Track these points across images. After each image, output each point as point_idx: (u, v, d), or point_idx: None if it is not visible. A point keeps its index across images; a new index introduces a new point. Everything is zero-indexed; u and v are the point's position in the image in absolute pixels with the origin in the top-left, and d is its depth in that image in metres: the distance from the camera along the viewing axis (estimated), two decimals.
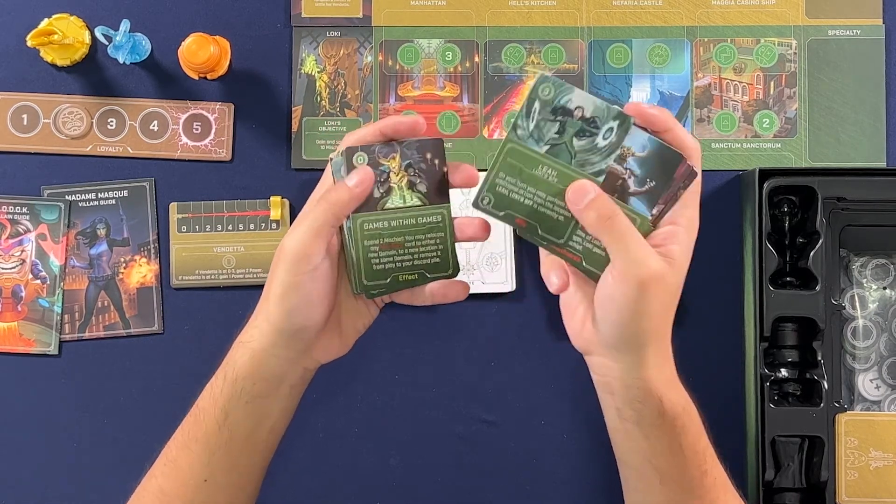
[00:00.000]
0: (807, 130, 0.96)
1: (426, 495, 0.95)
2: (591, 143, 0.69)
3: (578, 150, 0.69)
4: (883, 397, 0.92)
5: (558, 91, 0.69)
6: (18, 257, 0.95)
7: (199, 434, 0.73)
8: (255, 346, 0.72)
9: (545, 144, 0.69)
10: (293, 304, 0.70)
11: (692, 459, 0.71)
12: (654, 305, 0.68)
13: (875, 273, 0.93)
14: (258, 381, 0.72)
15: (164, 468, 0.74)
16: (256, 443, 0.74)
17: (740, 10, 0.97)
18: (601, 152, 0.69)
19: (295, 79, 0.97)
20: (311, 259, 0.69)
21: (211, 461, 0.72)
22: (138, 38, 0.95)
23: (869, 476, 0.89)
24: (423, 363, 0.96)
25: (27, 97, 0.96)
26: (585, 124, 0.69)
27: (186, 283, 0.95)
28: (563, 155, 0.69)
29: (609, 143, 0.69)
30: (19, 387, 0.95)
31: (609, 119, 0.69)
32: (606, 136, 0.69)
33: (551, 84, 0.69)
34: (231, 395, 0.72)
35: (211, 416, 0.72)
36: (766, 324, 0.88)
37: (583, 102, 0.69)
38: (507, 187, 0.70)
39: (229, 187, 0.96)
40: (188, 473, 0.73)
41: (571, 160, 0.69)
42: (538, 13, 0.97)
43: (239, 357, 0.72)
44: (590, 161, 0.69)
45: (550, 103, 0.69)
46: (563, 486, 0.95)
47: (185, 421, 0.74)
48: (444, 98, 0.97)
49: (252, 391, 0.72)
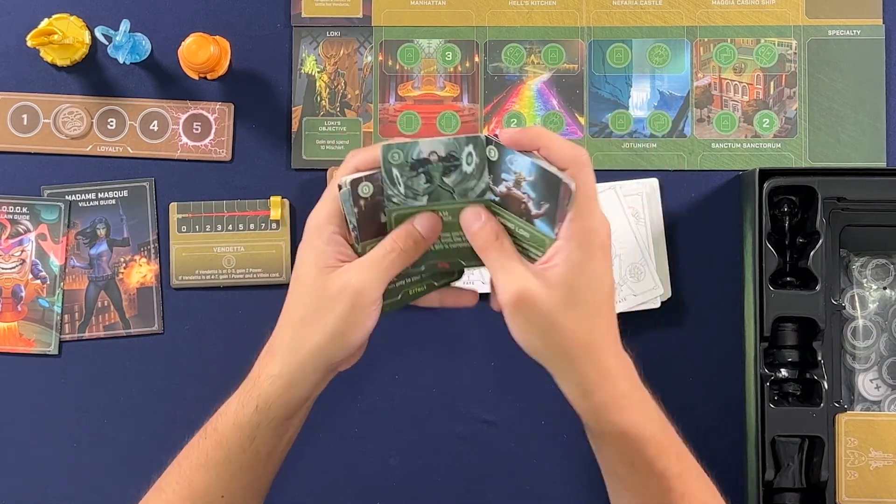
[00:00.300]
0: (807, 130, 0.96)
1: (426, 495, 0.95)
2: (461, 174, 0.71)
3: (454, 185, 0.71)
4: (883, 397, 0.92)
5: (405, 150, 0.70)
6: (18, 257, 0.95)
7: (220, 457, 0.72)
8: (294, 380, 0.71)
9: (423, 196, 0.71)
10: (351, 341, 0.70)
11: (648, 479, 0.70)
12: (532, 324, 0.68)
13: (875, 273, 0.93)
14: (290, 406, 0.72)
15: (175, 486, 0.73)
16: (275, 457, 0.74)
17: (740, 10, 0.97)
18: (474, 176, 0.71)
19: (295, 79, 0.97)
20: (379, 301, 0.70)
21: (231, 480, 0.72)
22: (138, 38, 0.95)
23: (869, 476, 0.89)
24: (423, 363, 0.96)
25: (27, 97, 0.96)
26: (446, 162, 0.70)
27: (186, 283, 0.95)
28: (444, 195, 0.71)
29: (476, 164, 0.70)
30: (19, 387, 0.95)
31: (463, 147, 0.70)
32: (469, 161, 0.70)
33: (396, 148, 0.70)
34: (261, 423, 0.72)
35: (236, 441, 0.72)
36: (766, 324, 0.88)
37: (433, 147, 0.70)
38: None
39: (229, 187, 0.96)
40: (203, 492, 0.73)
41: (454, 195, 0.71)
42: (538, 13, 0.97)
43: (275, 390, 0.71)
44: (469, 188, 0.71)
45: (406, 163, 0.70)
46: (563, 486, 0.95)
47: (201, 444, 0.73)
48: (444, 98, 0.97)
49: (282, 416, 0.72)
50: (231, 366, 0.75)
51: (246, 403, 0.72)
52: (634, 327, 0.94)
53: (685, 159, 0.96)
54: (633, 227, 0.94)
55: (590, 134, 0.96)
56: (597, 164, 0.96)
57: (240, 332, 0.95)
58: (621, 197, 0.94)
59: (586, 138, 0.96)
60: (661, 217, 0.94)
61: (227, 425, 0.72)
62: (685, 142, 0.96)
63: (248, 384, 0.73)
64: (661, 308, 0.93)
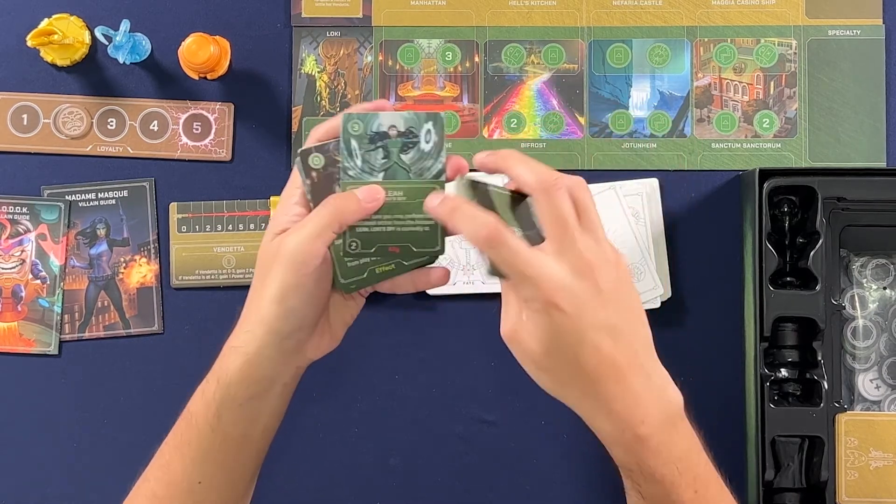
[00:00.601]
0: (807, 130, 0.96)
1: (426, 495, 0.95)
2: (419, 152, 0.71)
3: (410, 163, 0.71)
4: (883, 397, 0.92)
5: (365, 120, 0.71)
6: (18, 257, 0.95)
7: (191, 438, 0.72)
8: (248, 350, 0.71)
9: (379, 172, 0.71)
10: (292, 306, 0.69)
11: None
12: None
13: (875, 273, 0.93)
14: (251, 384, 0.71)
15: (157, 472, 0.74)
16: (250, 443, 0.73)
17: (740, 10, 0.97)
18: (431, 155, 0.71)
19: (295, 79, 0.97)
20: (314, 260, 0.69)
21: (205, 463, 0.72)
22: (138, 38, 0.95)
23: (869, 476, 0.89)
24: (423, 363, 0.96)
25: (27, 97, 0.96)
26: (404, 138, 0.71)
27: (186, 283, 0.95)
28: (400, 173, 0.71)
29: (434, 143, 0.71)
30: (19, 387, 0.95)
31: (423, 123, 0.71)
32: (427, 138, 0.71)
33: (356, 118, 0.71)
34: (224, 399, 0.71)
35: (204, 419, 0.71)
36: (766, 324, 0.88)
37: (392, 121, 0.71)
38: (366, 226, 0.72)
39: (229, 187, 0.96)
40: (181, 476, 0.72)
41: (409, 174, 0.71)
42: (538, 13, 0.97)
43: (231, 362, 0.71)
44: (425, 167, 0.71)
45: (365, 135, 0.71)
46: (563, 486, 0.95)
47: (177, 425, 0.74)
48: (444, 98, 0.97)
49: (245, 394, 0.71)
50: None
51: (210, 379, 0.72)
52: None
53: (685, 159, 0.96)
54: (633, 227, 0.94)
55: (590, 134, 0.96)
56: (597, 164, 0.96)
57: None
58: (621, 197, 0.94)
59: (586, 138, 0.96)
60: (661, 217, 0.94)
61: (196, 403, 0.73)
62: (685, 142, 0.96)
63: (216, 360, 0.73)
64: (661, 308, 0.93)
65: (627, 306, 0.68)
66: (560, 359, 0.66)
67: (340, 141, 0.71)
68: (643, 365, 0.68)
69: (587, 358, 0.66)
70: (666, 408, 0.68)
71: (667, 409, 0.68)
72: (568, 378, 0.67)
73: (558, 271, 0.65)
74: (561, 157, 0.96)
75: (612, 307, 0.66)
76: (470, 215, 0.67)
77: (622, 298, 0.67)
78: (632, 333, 0.67)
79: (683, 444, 0.69)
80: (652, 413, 0.67)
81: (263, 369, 0.71)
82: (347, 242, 0.72)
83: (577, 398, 0.68)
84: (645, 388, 0.67)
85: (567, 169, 0.96)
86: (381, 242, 0.72)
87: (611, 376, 0.66)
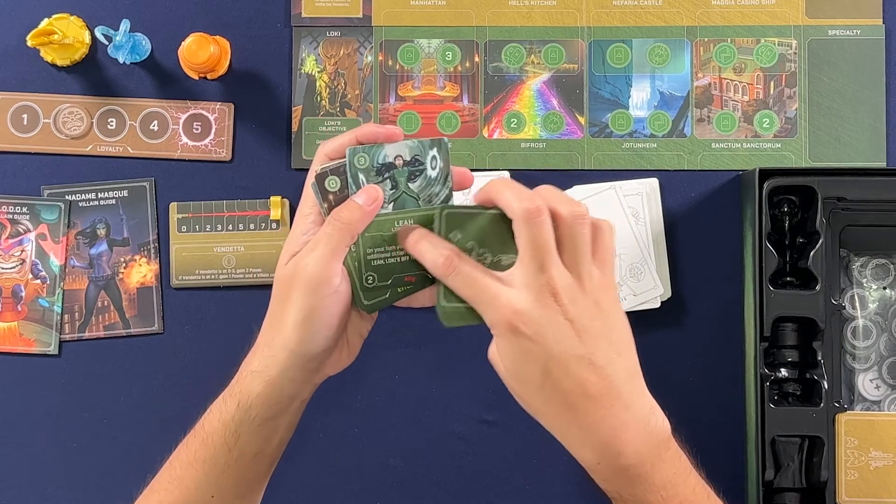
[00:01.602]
0: (807, 130, 0.96)
1: (426, 495, 0.95)
2: (426, 179, 0.72)
3: (419, 191, 0.72)
4: (883, 397, 0.92)
5: (371, 153, 0.71)
6: (18, 257, 0.95)
7: (206, 456, 0.72)
8: (270, 374, 0.71)
9: (388, 203, 0.72)
10: (316, 329, 0.69)
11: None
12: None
13: (875, 273, 0.93)
14: (272, 405, 0.71)
15: (167, 485, 0.73)
16: (264, 457, 0.74)
17: (740, 10, 0.97)
18: (438, 181, 0.72)
19: (295, 79, 0.97)
20: (332, 282, 0.69)
21: (219, 480, 0.72)
22: (138, 38, 0.95)
23: (869, 476, 0.89)
24: (423, 363, 0.96)
25: (27, 97, 0.96)
26: (411, 167, 0.72)
27: (186, 283, 0.95)
28: (409, 202, 0.72)
29: (440, 168, 0.72)
30: (19, 387, 0.95)
31: (427, 150, 0.72)
32: (433, 164, 0.72)
33: (361, 151, 0.71)
34: (243, 421, 0.71)
35: (221, 439, 0.72)
36: (766, 324, 0.88)
37: (398, 150, 0.72)
38: (380, 257, 0.72)
39: (229, 187, 0.96)
40: (194, 491, 0.72)
41: (419, 202, 0.72)
42: (538, 13, 0.97)
43: (253, 387, 0.71)
44: (434, 193, 0.72)
45: (372, 167, 0.71)
46: (563, 486, 0.95)
47: (189, 442, 0.74)
48: (444, 98, 0.97)
49: (266, 415, 0.71)
50: (231, 366, 0.75)
51: (229, 401, 0.72)
52: (634, 327, 0.94)
53: (685, 159, 0.96)
54: (633, 227, 0.94)
55: (590, 134, 0.96)
56: (597, 164, 0.96)
57: (240, 332, 0.94)
58: (621, 197, 0.94)
59: (586, 138, 0.96)
60: (661, 217, 0.94)
61: (212, 423, 0.72)
62: (685, 142, 0.96)
63: (233, 382, 0.73)
64: (661, 308, 0.93)
65: (604, 335, 0.67)
66: (529, 383, 0.67)
67: (348, 175, 0.71)
68: (621, 395, 0.66)
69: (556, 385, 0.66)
70: (647, 439, 0.67)
71: (648, 440, 0.67)
72: (540, 403, 0.67)
73: (516, 296, 0.66)
74: (561, 157, 0.96)
75: (584, 336, 0.66)
76: (430, 245, 0.68)
77: (597, 328, 0.66)
78: (607, 363, 0.66)
79: (668, 471, 0.68)
80: (632, 444, 0.66)
81: (285, 391, 0.71)
82: (364, 276, 0.72)
83: (552, 423, 0.68)
84: (623, 419, 0.66)
85: (567, 169, 0.96)
86: (397, 273, 0.73)
87: (584, 405, 0.66)
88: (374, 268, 0.72)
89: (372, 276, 0.72)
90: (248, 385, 0.71)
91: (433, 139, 0.72)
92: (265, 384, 0.71)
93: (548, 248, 0.66)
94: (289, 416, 0.73)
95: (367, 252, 0.72)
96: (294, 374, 0.71)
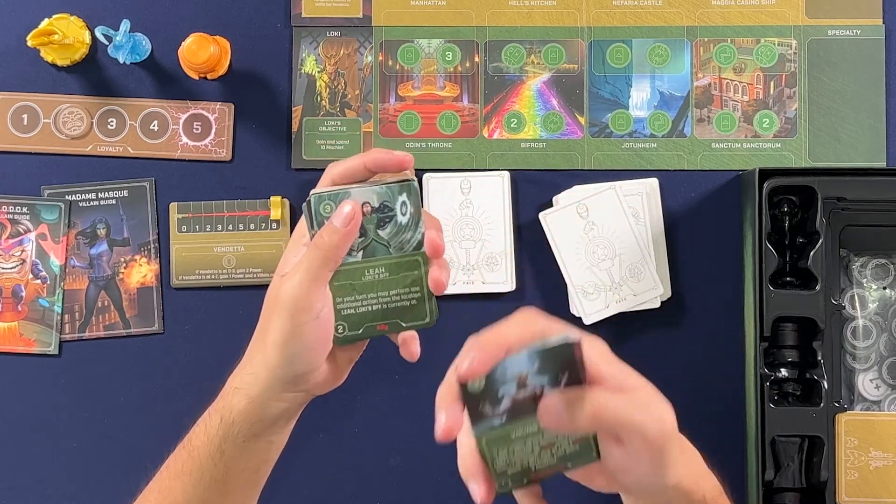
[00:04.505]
0: (807, 130, 0.96)
1: (426, 495, 0.95)
2: (395, 225, 0.70)
3: (389, 238, 0.70)
4: (883, 397, 0.92)
5: (336, 200, 0.69)
6: (18, 257, 0.95)
7: (193, 468, 0.72)
8: (251, 393, 0.71)
9: (357, 251, 0.70)
10: (294, 352, 0.69)
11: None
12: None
13: (875, 273, 0.93)
14: (255, 423, 0.71)
15: (157, 495, 0.73)
16: (252, 473, 0.73)
17: (740, 10, 0.97)
18: (409, 227, 0.70)
19: (295, 79, 0.97)
20: (313, 307, 0.68)
21: (207, 492, 0.72)
22: (138, 38, 0.95)
23: (869, 476, 0.89)
24: (423, 363, 0.96)
25: (27, 97, 0.96)
26: (379, 213, 0.70)
27: (186, 283, 0.95)
28: (380, 250, 0.71)
29: (410, 214, 0.70)
30: (19, 387, 0.95)
31: (396, 195, 0.70)
32: (403, 210, 0.70)
33: (327, 199, 0.69)
34: (227, 436, 0.71)
35: (206, 454, 0.71)
36: (766, 324, 0.88)
37: (364, 197, 0.69)
38: (350, 306, 0.71)
39: (229, 187, 0.96)
40: (182, 500, 0.72)
41: (389, 250, 0.71)
42: (538, 13, 0.97)
43: (235, 403, 0.71)
44: (405, 240, 0.70)
45: None
46: (563, 486, 0.95)
47: (177, 454, 0.74)
48: (444, 98, 0.97)
49: (249, 432, 0.71)
50: (231, 366, 0.75)
51: (213, 415, 0.72)
52: (634, 327, 0.94)
53: (685, 159, 0.96)
54: (633, 227, 0.94)
55: (590, 134, 0.96)
56: (597, 164, 0.96)
57: (240, 332, 0.94)
58: (621, 197, 0.94)
59: (586, 138, 0.96)
60: (661, 217, 0.94)
61: (199, 436, 0.72)
62: (685, 142, 0.96)
63: (219, 396, 0.73)
64: (661, 308, 0.93)
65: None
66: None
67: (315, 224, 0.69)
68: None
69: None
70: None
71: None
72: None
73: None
74: (561, 157, 0.96)
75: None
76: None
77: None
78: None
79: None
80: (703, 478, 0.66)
81: (267, 410, 0.71)
82: (336, 326, 0.71)
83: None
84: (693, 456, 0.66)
85: (567, 169, 0.96)
86: (368, 322, 0.72)
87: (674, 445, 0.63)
88: (345, 317, 0.71)
89: (342, 326, 0.71)
90: (231, 401, 0.71)
91: (402, 183, 0.70)
92: (247, 401, 0.71)
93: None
94: (275, 434, 0.73)
95: (337, 301, 0.70)
96: (276, 394, 0.71)
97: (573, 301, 0.93)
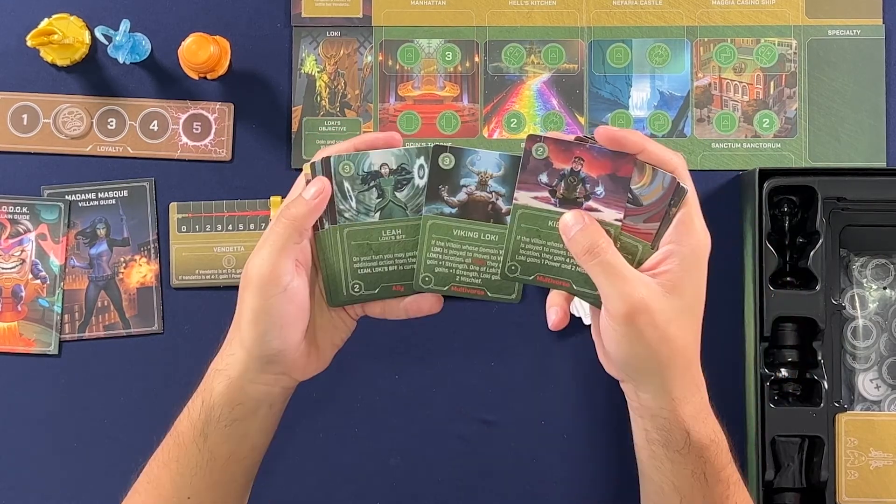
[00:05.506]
0: (807, 130, 0.96)
1: (426, 495, 0.95)
2: (413, 188, 0.71)
3: (406, 200, 0.71)
4: (883, 397, 0.92)
5: (355, 161, 0.70)
6: (18, 257, 0.95)
7: (179, 455, 0.72)
8: (231, 374, 0.70)
9: (375, 212, 0.71)
10: (265, 329, 0.68)
11: (715, 487, 0.70)
12: (647, 336, 0.67)
13: (875, 273, 0.93)
14: (236, 406, 0.71)
15: (146, 486, 0.73)
16: (238, 461, 0.73)
17: (740, 10, 0.97)
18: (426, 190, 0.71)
19: (295, 79, 0.97)
20: (280, 280, 0.68)
21: (193, 480, 0.71)
22: (138, 38, 0.95)
23: (869, 476, 0.89)
24: (423, 363, 0.96)
25: (27, 97, 0.96)
26: (397, 175, 0.70)
27: (186, 283, 0.95)
28: (396, 211, 0.71)
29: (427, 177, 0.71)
30: (19, 387, 0.95)
31: (414, 158, 0.70)
32: (421, 174, 0.70)
33: (346, 159, 0.70)
34: (209, 420, 0.71)
35: (190, 439, 0.71)
36: (766, 324, 0.88)
37: (383, 159, 0.70)
38: (367, 266, 0.72)
39: (229, 187, 0.96)
40: (171, 491, 0.72)
41: (406, 211, 0.71)
42: (538, 13, 0.97)
43: (216, 385, 0.71)
44: (423, 203, 0.71)
45: (357, 175, 0.70)
46: (563, 486, 0.95)
47: (165, 441, 0.73)
48: (444, 98, 0.97)
49: (230, 416, 0.71)
50: None
51: (195, 399, 0.72)
52: None
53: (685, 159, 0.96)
54: None
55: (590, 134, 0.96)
56: None
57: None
58: None
59: None
60: None
61: (183, 422, 0.72)
62: (685, 142, 0.96)
63: (203, 380, 0.73)
64: None
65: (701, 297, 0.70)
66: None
67: (333, 183, 0.70)
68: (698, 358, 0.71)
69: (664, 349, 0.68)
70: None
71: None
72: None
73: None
74: None
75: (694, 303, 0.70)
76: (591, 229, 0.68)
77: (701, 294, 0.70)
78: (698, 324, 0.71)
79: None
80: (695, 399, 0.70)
81: (248, 392, 0.71)
82: (350, 284, 0.71)
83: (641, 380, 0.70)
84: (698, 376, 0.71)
85: None
86: (384, 282, 0.72)
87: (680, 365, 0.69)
88: (361, 276, 0.71)
89: (358, 285, 0.71)
90: (212, 383, 0.71)
91: (420, 147, 0.71)
92: (227, 383, 0.70)
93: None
94: (258, 420, 0.72)
95: (354, 260, 0.71)
96: (254, 376, 0.70)
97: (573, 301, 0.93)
